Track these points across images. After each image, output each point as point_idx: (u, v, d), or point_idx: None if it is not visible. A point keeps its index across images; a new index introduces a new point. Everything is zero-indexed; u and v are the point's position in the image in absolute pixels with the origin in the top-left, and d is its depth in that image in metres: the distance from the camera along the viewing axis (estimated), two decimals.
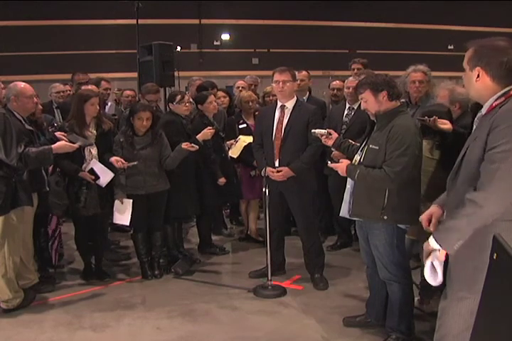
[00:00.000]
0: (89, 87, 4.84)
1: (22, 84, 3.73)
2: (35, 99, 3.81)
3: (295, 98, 3.97)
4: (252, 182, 4.97)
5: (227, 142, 4.75)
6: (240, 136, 4.77)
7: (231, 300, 3.83)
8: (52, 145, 3.51)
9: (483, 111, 2.06)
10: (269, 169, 3.89)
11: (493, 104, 1.99)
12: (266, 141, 4.00)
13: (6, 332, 3.32)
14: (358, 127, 4.16)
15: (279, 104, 3.97)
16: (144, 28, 7.95)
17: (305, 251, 4.08)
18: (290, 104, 3.93)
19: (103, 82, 5.46)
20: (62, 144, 3.56)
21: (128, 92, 5.74)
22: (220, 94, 5.45)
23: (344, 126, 4.52)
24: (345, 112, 4.59)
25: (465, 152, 2.08)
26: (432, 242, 2.03)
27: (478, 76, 2.00)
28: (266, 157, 3.98)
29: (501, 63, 1.95)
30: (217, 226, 5.45)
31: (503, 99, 1.98)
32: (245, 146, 4.65)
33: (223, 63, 12.19)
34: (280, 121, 3.93)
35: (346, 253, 4.80)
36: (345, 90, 4.65)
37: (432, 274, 2.07)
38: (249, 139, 4.61)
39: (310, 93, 5.38)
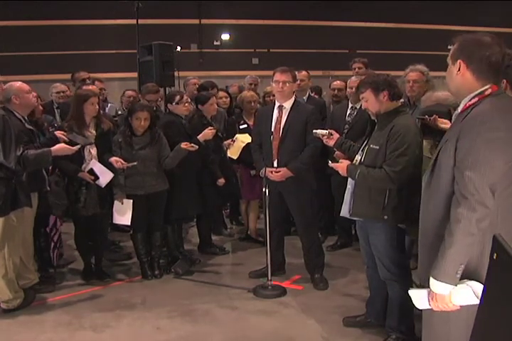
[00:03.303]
0: (90, 87, 4.83)
1: (18, 83, 3.74)
2: (34, 94, 3.81)
3: (293, 98, 3.96)
4: (252, 183, 4.96)
5: (225, 142, 4.73)
6: (237, 135, 4.75)
7: (231, 300, 3.83)
8: (52, 148, 3.49)
9: (459, 109, 1.99)
10: (268, 169, 3.89)
11: (467, 104, 1.92)
12: (264, 141, 4.00)
13: (6, 333, 3.33)
14: (360, 127, 4.15)
15: (277, 104, 3.97)
16: (143, 28, 7.93)
17: (305, 251, 4.08)
18: (288, 104, 3.93)
19: (97, 83, 5.45)
20: (61, 146, 3.55)
21: (130, 93, 5.74)
22: (222, 94, 5.47)
23: (347, 126, 4.52)
24: (348, 112, 4.59)
25: (438, 152, 2.00)
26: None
27: (459, 69, 1.92)
28: (264, 157, 3.98)
29: (482, 57, 1.88)
30: (217, 226, 5.44)
31: (476, 99, 1.90)
32: (245, 146, 4.64)
33: (223, 63, 12.17)
34: (278, 121, 3.93)
35: (346, 253, 4.80)
36: (348, 90, 4.65)
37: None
38: (247, 138, 4.59)
39: (320, 94, 5.37)
